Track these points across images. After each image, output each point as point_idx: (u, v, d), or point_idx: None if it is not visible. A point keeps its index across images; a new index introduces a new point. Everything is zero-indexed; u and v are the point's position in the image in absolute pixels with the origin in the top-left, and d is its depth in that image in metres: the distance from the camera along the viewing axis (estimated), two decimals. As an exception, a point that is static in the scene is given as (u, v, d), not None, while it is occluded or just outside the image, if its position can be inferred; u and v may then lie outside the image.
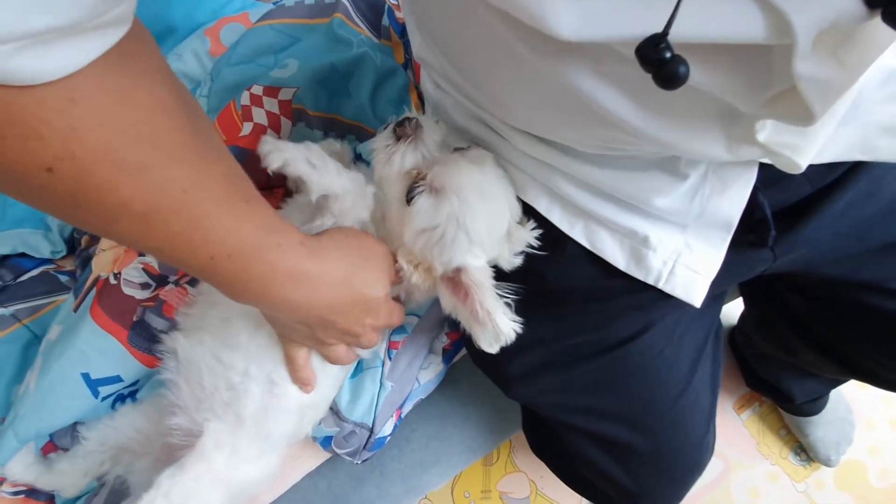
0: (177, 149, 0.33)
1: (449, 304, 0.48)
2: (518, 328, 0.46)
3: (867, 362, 0.60)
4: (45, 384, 0.59)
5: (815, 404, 0.99)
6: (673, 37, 0.26)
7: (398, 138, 0.49)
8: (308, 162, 0.47)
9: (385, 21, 0.68)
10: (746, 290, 0.72)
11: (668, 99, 0.34)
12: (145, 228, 0.33)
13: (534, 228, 0.51)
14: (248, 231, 0.38)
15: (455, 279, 0.48)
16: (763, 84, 0.31)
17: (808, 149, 0.37)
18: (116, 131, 0.30)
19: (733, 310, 0.98)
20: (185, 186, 0.34)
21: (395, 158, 0.48)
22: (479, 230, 0.47)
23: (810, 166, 0.38)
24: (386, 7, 0.69)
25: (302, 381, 0.53)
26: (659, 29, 0.24)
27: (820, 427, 1.01)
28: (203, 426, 0.53)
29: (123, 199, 0.31)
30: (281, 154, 0.47)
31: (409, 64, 0.69)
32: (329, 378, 0.57)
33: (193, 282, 0.62)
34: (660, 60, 0.24)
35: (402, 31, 0.70)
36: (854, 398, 1.07)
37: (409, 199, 0.47)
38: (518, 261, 0.51)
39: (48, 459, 0.62)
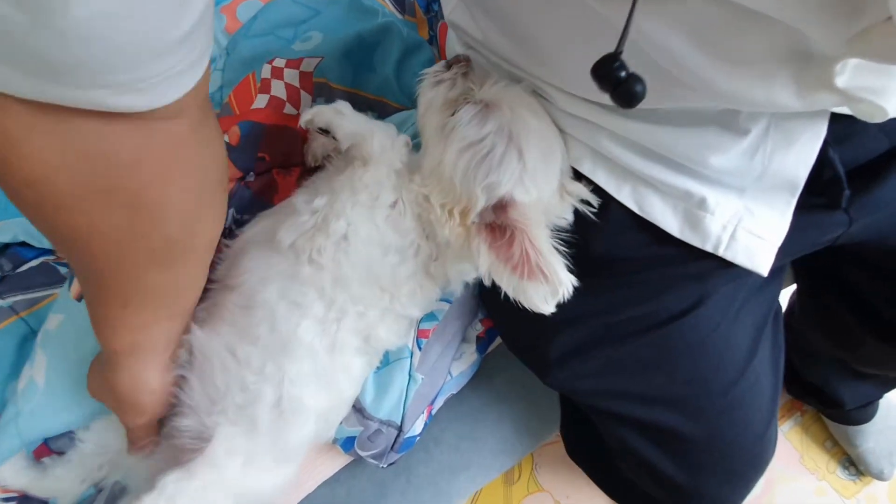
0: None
1: (486, 260, 0.42)
2: (575, 281, 0.40)
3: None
4: (58, 378, 0.54)
5: (865, 411, 0.92)
6: None
7: (450, 66, 0.46)
8: (335, 111, 0.46)
9: (410, -4, 0.66)
10: (802, 274, 0.67)
11: (734, 41, 0.31)
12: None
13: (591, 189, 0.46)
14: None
15: (495, 225, 0.42)
16: (855, 12, 0.27)
17: (894, 91, 0.33)
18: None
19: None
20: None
21: (445, 81, 0.45)
22: (532, 152, 0.41)
23: (888, 119, 0.34)
24: (412, -18, 0.66)
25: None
26: None
27: (870, 437, 0.94)
28: (214, 430, 0.47)
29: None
30: (309, 111, 0.47)
31: (435, 41, 0.67)
32: (352, 376, 0.52)
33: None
34: (616, 80, 0.25)
35: (427, 7, 0.67)
36: (903, 406, 1.00)
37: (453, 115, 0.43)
38: (569, 217, 0.46)
39: (42, 464, 0.57)
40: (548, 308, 0.41)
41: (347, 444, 0.57)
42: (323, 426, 0.52)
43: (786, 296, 0.80)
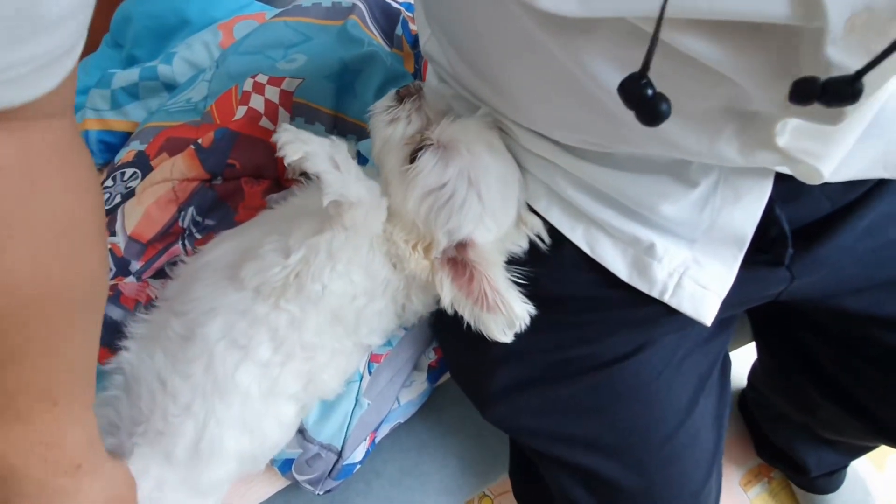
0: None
1: (449, 293, 0.44)
2: (532, 310, 0.42)
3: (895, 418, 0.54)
4: None
5: (831, 480, 0.90)
6: (691, 12, 0.25)
7: (401, 99, 0.46)
8: (332, 160, 0.41)
9: (399, 31, 0.68)
10: (760, 334, 0.67)
11: (682, 92, 0.32)
12: None
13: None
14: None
15: (456, 260, 0.43)
16: (790, 71, 0.29)
17: (830, 156, 0.34)
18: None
19: (742, 371, 0.92)
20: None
21: (399, 119, 0.45)
22: (492, 193, 0.43)
23: (830, 184, 0.36)
24: (401, 17, 0.69)
25: None
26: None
27: (837, 509, 0.92)
28: (133, 450, 0.45)
29: None
30: (302, 146, 0.41)
31: (419, 75, 0.68)
32: (282, 422, 0.49)
33: (159, 274, 0.57)
34: (642, 97, 0.25)
35: (415, 43, 0.70)
36: (870, 481, 0.97)
37: (412, 159, 0.43)
38: (525, 245, 0.47)
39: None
40: (506, 338, 0.43)
41: (285, 466, 0.55)
42: (238, 472, 0.49)
43: (750, 355, 0.79)
